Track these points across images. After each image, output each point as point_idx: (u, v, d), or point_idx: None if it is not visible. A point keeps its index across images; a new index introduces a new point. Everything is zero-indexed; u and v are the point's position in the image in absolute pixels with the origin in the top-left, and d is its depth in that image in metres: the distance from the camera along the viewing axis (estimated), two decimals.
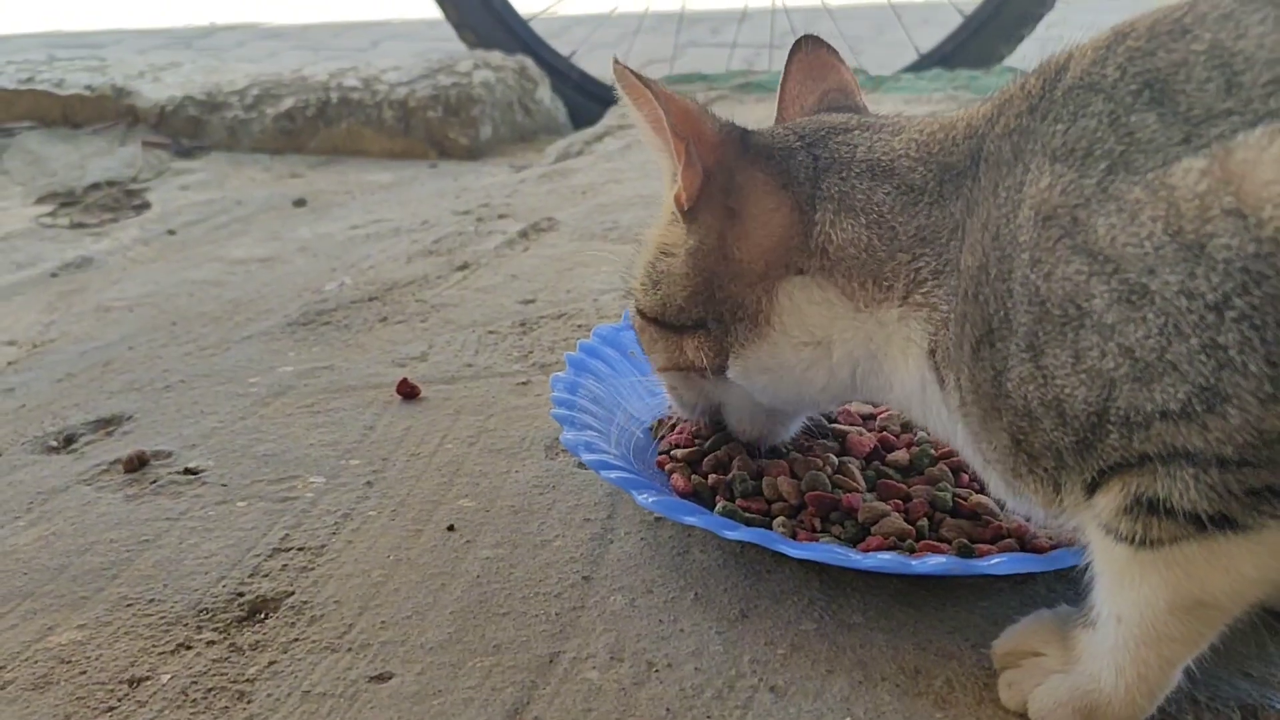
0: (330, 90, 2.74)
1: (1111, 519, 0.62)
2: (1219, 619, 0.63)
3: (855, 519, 0.85)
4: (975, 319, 0.66)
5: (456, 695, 0.74)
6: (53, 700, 0.76)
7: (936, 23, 3.32)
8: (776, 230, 0.76)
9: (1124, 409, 0.59)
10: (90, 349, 1.44)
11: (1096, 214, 0.59)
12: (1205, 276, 0.55)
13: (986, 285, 0.65)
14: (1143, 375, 0.58)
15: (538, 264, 1.61)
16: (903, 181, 0.73)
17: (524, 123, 2.81)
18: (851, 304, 0.74)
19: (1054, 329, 0.61)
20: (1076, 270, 0.60)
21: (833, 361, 0.77)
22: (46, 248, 2.02)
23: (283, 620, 0.83)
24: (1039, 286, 0.61)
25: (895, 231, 0.72)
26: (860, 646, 0.76)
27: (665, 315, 0.82)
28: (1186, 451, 0.57)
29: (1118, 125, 0.60)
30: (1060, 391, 0.61)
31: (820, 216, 0.75)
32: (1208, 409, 0.56)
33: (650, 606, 0.82)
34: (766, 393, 0.83)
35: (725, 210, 0.78)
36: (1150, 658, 0.63)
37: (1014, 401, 0.64)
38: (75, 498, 1.03)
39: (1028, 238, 0.62)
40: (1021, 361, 0.63)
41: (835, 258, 0.74)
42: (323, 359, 1.32)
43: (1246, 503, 0.57)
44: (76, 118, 2.84)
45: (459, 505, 0.97)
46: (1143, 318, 0.57)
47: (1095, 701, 0.66)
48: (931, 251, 0.71)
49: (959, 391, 0.69)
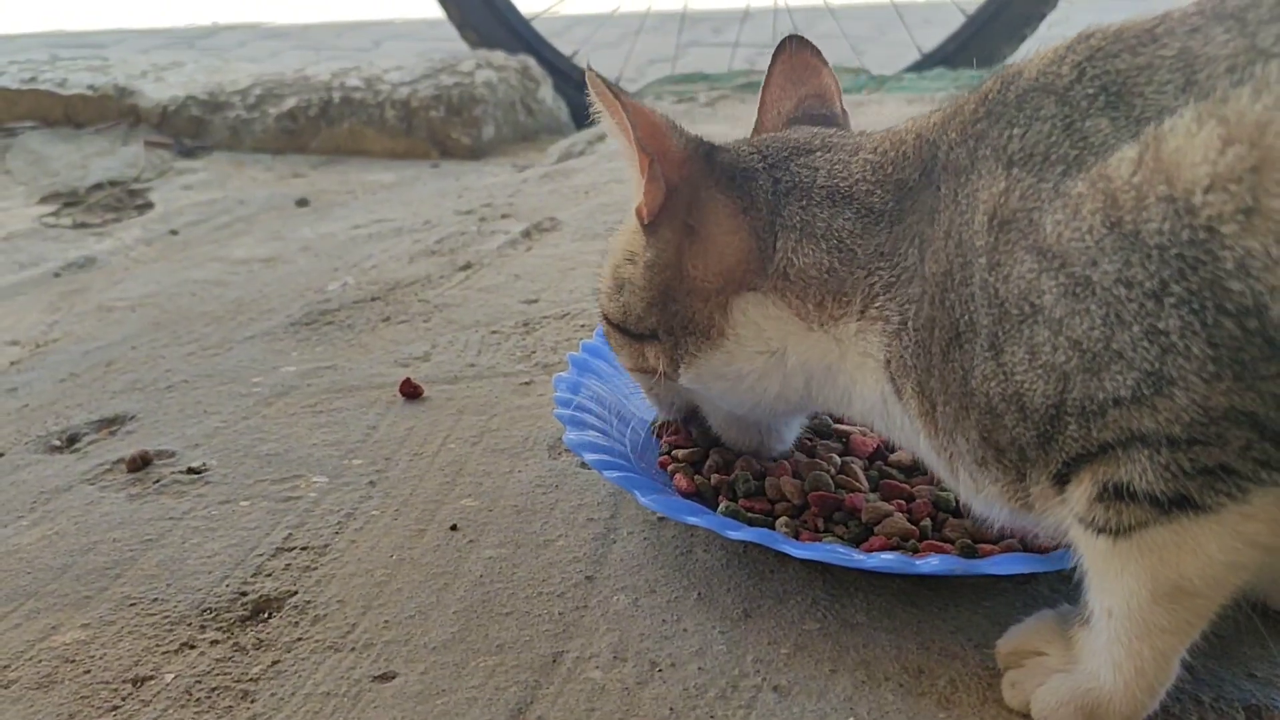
0: (332, 90, 2.74)
1: (1085, 510, 0.63)
2: (1203, 607, 0.63)
3: (858, 519, 0.85)
4: (944, 323, 0.67)
5: (460, 695, 0.74)
6: (57, 699, 0.76)
7: (939, 22, 3.33)
8: (733, 253, 0.77)
9: (1079, 399, 0.60)
10: (93, 349, 1.44)
11: (1046, 213, 0.61)
12: (1142, 264, 0.57)
13: (951, 290, 0.66)
14: (1092, 365, 0.59)
15: (540, 264, 1.61)
16: (862, 206, 0.74)
17: (526, 122, 2.81)
18: (805, 323, 0.75)
19: (1011, 327, 0.63)
20: (1029, 269, 0.61)
21: (786, 370, 0.78)
22: (49, 248, 2.02)
23: (286, 620, 0.83)
24: (997, 289, 0.63)
25: (855, 253, 0.73)
26: (864, 646, 0.76)
27: (626, 322, 0.83)
28: (1141, 434, 0.59)
29: (1072, 130, 0.62)
30: (1020, 387, 0.63)
31: (781, 244, 0.76)
32: (1156, 392, 0.57)
33: (653, 606, 0.82)
34: (724, 399, 0.84)
35: (685, 227, 0.79)
36: (1144, 650, 0.64)
37: (978, 399, 0.65)
38: (78, 497, 1.03)
39: (984, 242, 0.64)
40: (984, 360, 0.64)
41: (795, 280, 0.75)
42: (325, 359, 1.32)
43: (1201, 482, 0.58)
44: (79, 117, 2.84)
45: (462, 505, 0.97)
46: (1086, 309, 0.59)
47: (1097, 699, 0.66)
48: (887, 265, 0.72)
49: (918, 399, 0.70)
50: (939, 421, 0.69)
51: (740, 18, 3.71)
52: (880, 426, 0.77)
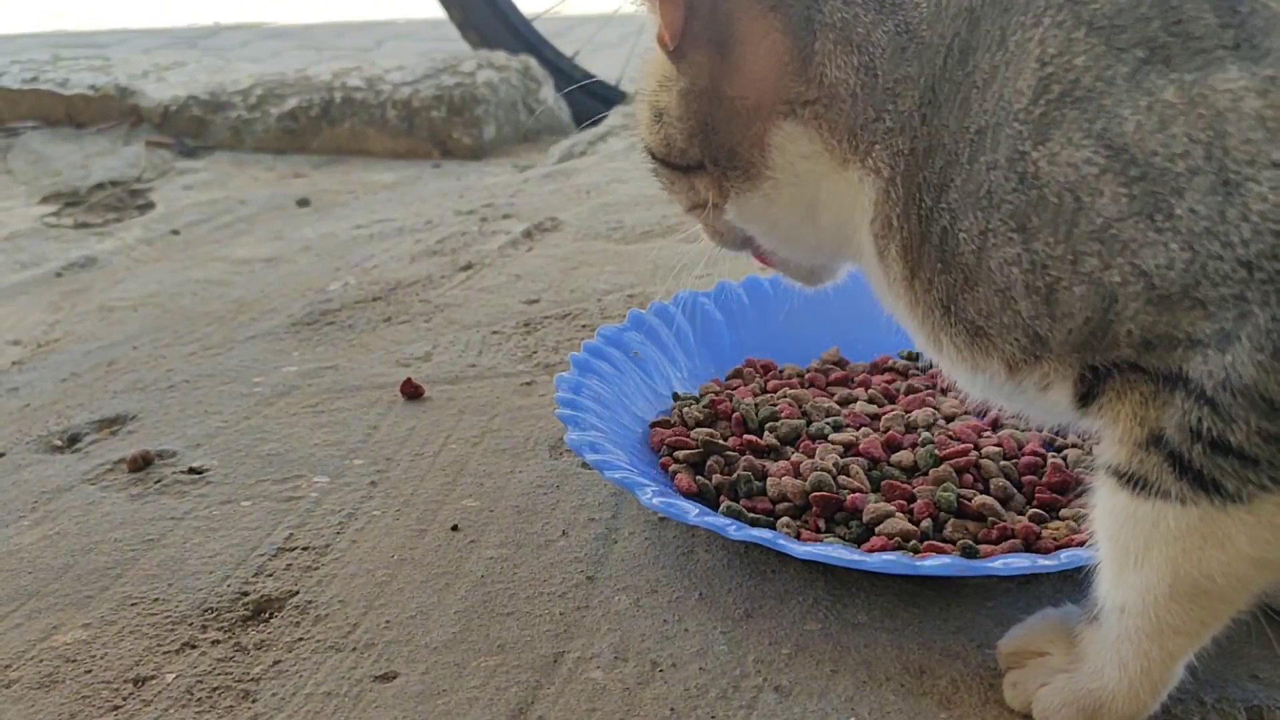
0: (334, 90, 2.74)
1: (1126, 458, 0.59)
2: (1220, 609, 0.61)
3: (860, 519, 0.85)
4: (965, 189, 0.60)
5: (461, 695, 0.74)
6: (58, 699, 0.76)
7: None
8: (767, 58, 0.70)
9: (1130, 322, 0.55)
10: (94, 349, 1.44)
11: (1124, 103, 0.54)
12: (1238, 225, 0.51)
13: (980, 150, 0.59)
14: (1159, 303, 0.54)
15: (541, 264, 1.61)
16: (904, 20, 0.65)
17: (527, 123, 2.81)
18: (834, 161, 0.69)
19: (1049, 216, 0.56)
20: (1086, 159, 0.55)
21: (819, 226, 0.73)
22: (51, 247, 2.02)
23: (287, 620, 0.83)
24: (1038, 166, 0.56)
25: (877, 81, 0.66)
26: (865, 646, 0.76)
27: (670, 155, 0.77)
28: (1187, 379, 0.55)
29: (1167, 11, 0.55)
30: (1055, 285, 0.57)
31: (820, 46, 0.68)
32: (1220, 348, 0.53)
33: (655, 606, 0.82)
34: (767, 241, 0.79)
35: (712, 44, 0.72)
36: (1153, 650, 0.63)
37: (994, 278, 0.60)
38: (80, 497, 1.03)
39: (1029, 104, 0.57)
40: (1008, 241, 0.58)
41: (827, 99, 0.68)
42: (327, 359, 1.32)
43: (1234, 468, 0.55)
44: (80, 117, 2.84)
45: (463, 505, 0.97)
46: (1165, 244, 0.53)
47: (1099, 698, 0.65)
48: (894, 108, 0.65)
49: (902, 262, 0.65)
50: (929, 290, 0.64)
51: None
52: (880, 293, 0.71)
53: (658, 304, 1.14)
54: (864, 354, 1.14)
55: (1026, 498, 0.88)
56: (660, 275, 1.50)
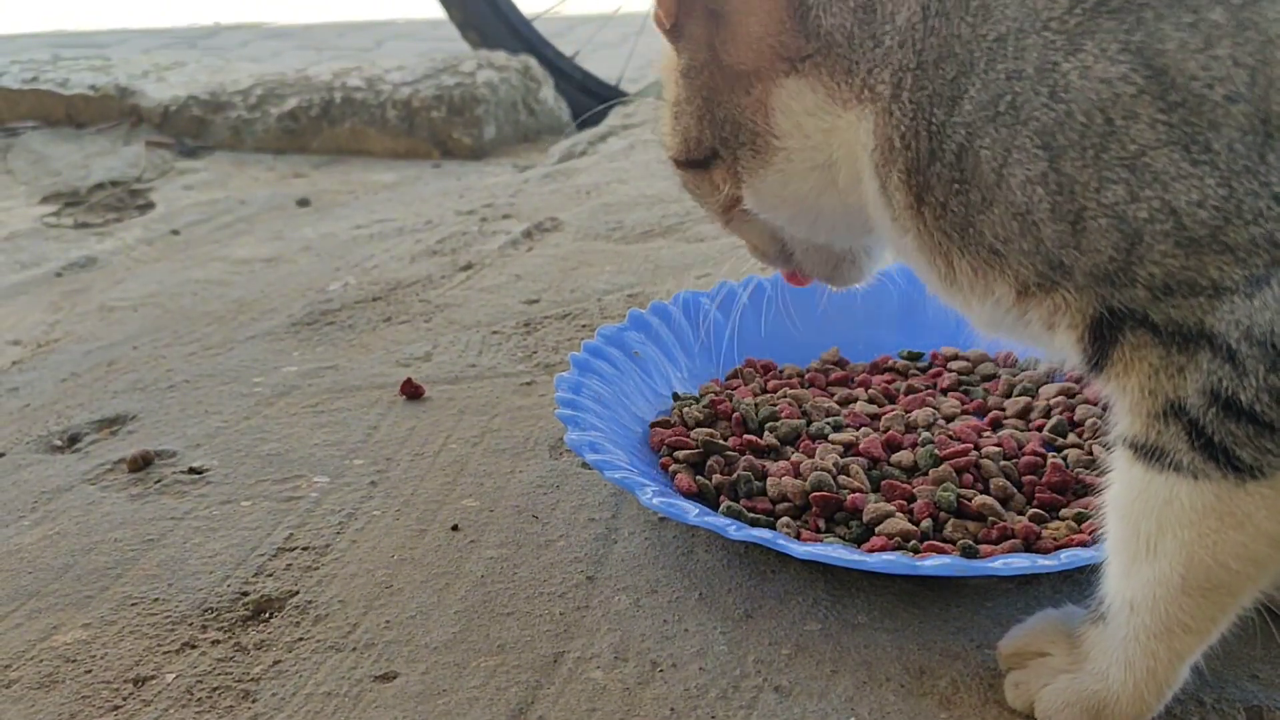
0: (334, 90, 2.74)
1: (1131, 424, 0.57)
2: (1231, 603, 0.60)
3: (860, 519, 0.85)
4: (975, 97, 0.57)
5: (461, 695, 0.74)
6: (58, 699, 0.76)
7: None
8: (764, 17, 0.68)
9: (1154, 266, 0.52)
10: (94, 349, 1.44)
11: (1166, 18, 0.51)
12: (1278, 166, 0.49)
13: (1002, 60, 0.56)
14: (1187, 245, 0.51)
15: (542, 264, 1.61)
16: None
17: (527, 123, 2.81)
18: (837, 106, 0.66)
19: (1076, 136, 0.53)
20: (1123, 76, 0.52)
21: (840, 186, 0.69)
22: (51, 247, 2.02)
23: (287, 620, 0.83)
24: (1069, 80, 0.53)
25: (875, 7, 0.63)
26: (865, 647, 0.76)
27: (688, 152, 0.75)
28: (1212, 334, 0.52)
29: None
30: (1080, 211, 0.54)
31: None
32: (1249, 296, 0.50)
33: (655, 606, 0.82)
34: (792, 226, 0.77)
35: (708, 14, 0.71)
36: (1161, 651, 0.62)
37: (1015, 198, 0.56)
38: (80, 497, 1.03)
39: (1063, 12, 0.54)
40: (1032, 158, 0.55)
41: (826, 45, 0.66)
42: (327, 359, 1.32)
43: (1250, 436, 0.53)
44: (80, 117, 2.84)
45: (463, 505, 0.97)
46: (1200, 178, 0.50)
47: (1103, 699, 0.65)
48: (893, 25, 0.62)
49: (904, 190, 0.62)
50: (941, 215, 0.61)
51: None
52: (886, 234, 0.68)
53: (658, 304, 1.14)
54: (864, 354, 1.14)
55: (1026, 498, 0.88)
56: (660, 275, 1.50)
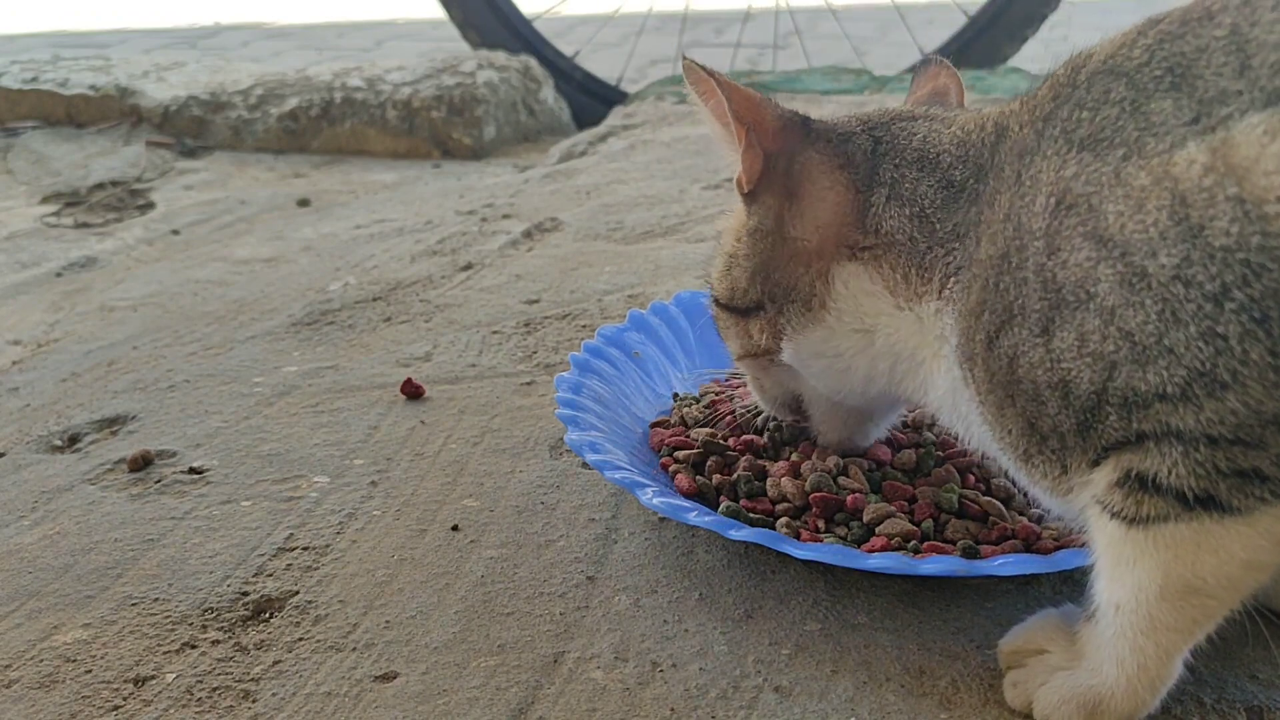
0: (334, 90, 2.74)
1: (1105, 493, 0.63)
2: (1213, 609, 0.63)
3: (860, 520, 0.85)
4: (995, 308, 0.67)
5: (461, 695, 0.74)
6: (58, 699, 0.76)
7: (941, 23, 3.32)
8: (831, 208, 0.78)
9: (1122, 389, 0.60)
10: (94, 349, 1.44)
11: (1108, 201, 0.60)
12: (1204, 264, 0.56)
13: (1006, 274, 0.66)
14: (1141, 358, 0.59)
15: (542, 264, 1.61)
16: (945, 177, 0.74)
17: (528, 123, 2.82)
18: (894, 299, 0.75)
19: (1066, 313, 0.62)
20: (1086, 256, 0.61)
21: (875, 351, 0.78)
22: (51, 247, 2.02)
23: (287, 620, 0.83)
24: (1054, 273, 0.62)
25: (934, 227, 0.74)
26: (865, 647, 0.76)
27: (733, 300, 0.84)
28: (1179, 431, 0.59)
29: (1138, 112, 0.61)
30: (1066, 374, 0.62)
31: (875, 200, 0.76)
32: (1207, 393, 0.57)
33: (655, 606, 0.82)
34: (820, 380, 0.84)
35: (784, 191, 0.80)
36: (1148, 647, 0.64)
37: (1025, 386, 0.65)
38: (80, 497, 1.03)
39: (1044, 224, 0.64)
40: (1033, 346, 0.64)
41: (885, 245, 0.76)
42: (327, 359, 1.32)
43: (1234, 484, 0.58)
44: (81, 117, 2.84)
45: (463, 505, 0.97)
46: (1142, 302, 0.59)
47: (1099, 695, 0.66)
48: (961, 248, 0.72)
49: (974, 383, 0.70)
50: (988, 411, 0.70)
51: (742, 18, 3.71)
52: (948, 416, 0.76)
53: (658, 304, 1.14)
54: None
55: (1027, 498, 0.88)
56: (660, 275, 1.50)
